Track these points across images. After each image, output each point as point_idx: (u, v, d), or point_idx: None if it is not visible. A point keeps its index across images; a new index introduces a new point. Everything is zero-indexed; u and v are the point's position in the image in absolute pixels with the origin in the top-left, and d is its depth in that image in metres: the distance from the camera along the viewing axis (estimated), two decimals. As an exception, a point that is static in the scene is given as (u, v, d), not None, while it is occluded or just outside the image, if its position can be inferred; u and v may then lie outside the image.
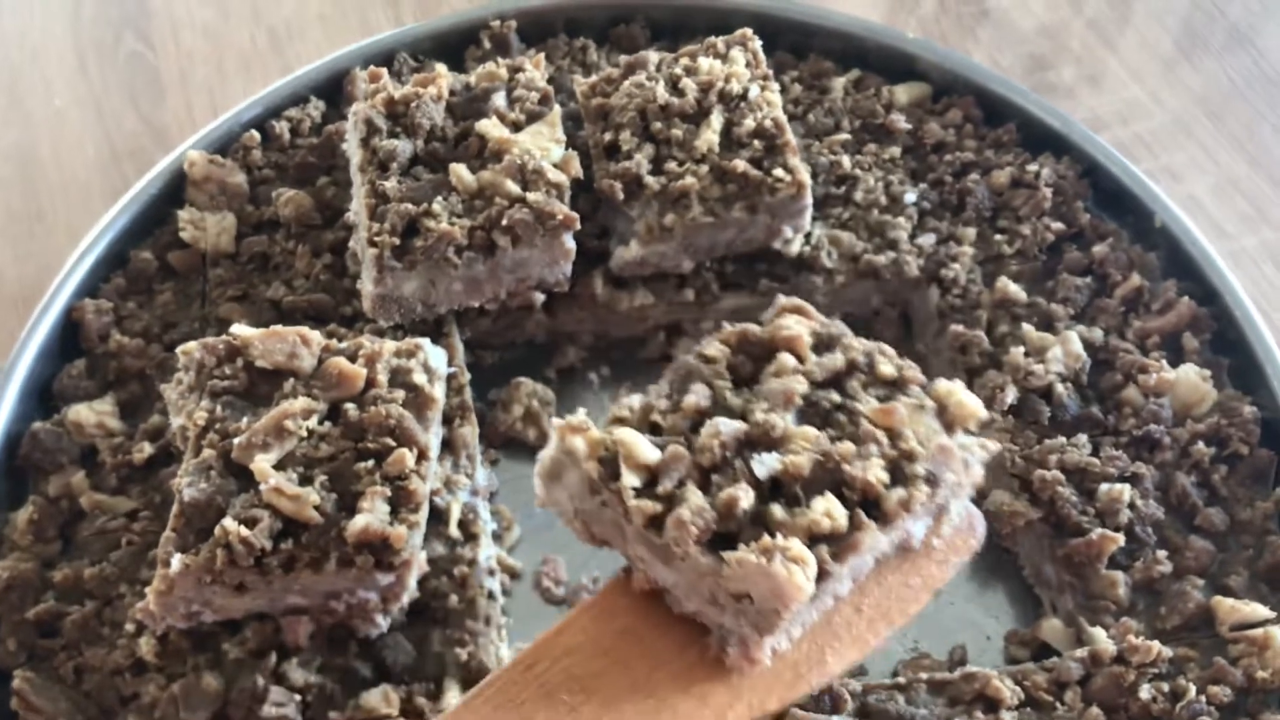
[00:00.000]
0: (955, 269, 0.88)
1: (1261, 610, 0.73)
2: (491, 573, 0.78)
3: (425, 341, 0.77)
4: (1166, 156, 1.06)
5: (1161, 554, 0.76)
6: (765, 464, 0.57)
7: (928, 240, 0.90)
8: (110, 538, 0.77)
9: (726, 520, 0.56)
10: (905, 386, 0.61)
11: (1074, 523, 0.76)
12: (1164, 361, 0.83)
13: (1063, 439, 0.80)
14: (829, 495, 0.56)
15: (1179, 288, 0.87)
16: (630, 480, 0.57)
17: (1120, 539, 0.75)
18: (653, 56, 0.90)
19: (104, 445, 0.81)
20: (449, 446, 0.79)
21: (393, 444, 0.70)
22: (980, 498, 0.82)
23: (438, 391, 0.74)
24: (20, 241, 0.99)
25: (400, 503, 0.69)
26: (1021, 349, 0.84)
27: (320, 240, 0.89)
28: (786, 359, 0.61)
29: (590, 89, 0.90)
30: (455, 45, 1.01)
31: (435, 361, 0.76)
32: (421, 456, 0.71)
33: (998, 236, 0.90)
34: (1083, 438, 0.80)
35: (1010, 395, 0.82)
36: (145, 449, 0.80)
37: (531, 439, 0.86)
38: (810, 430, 0.59)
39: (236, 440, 0.70)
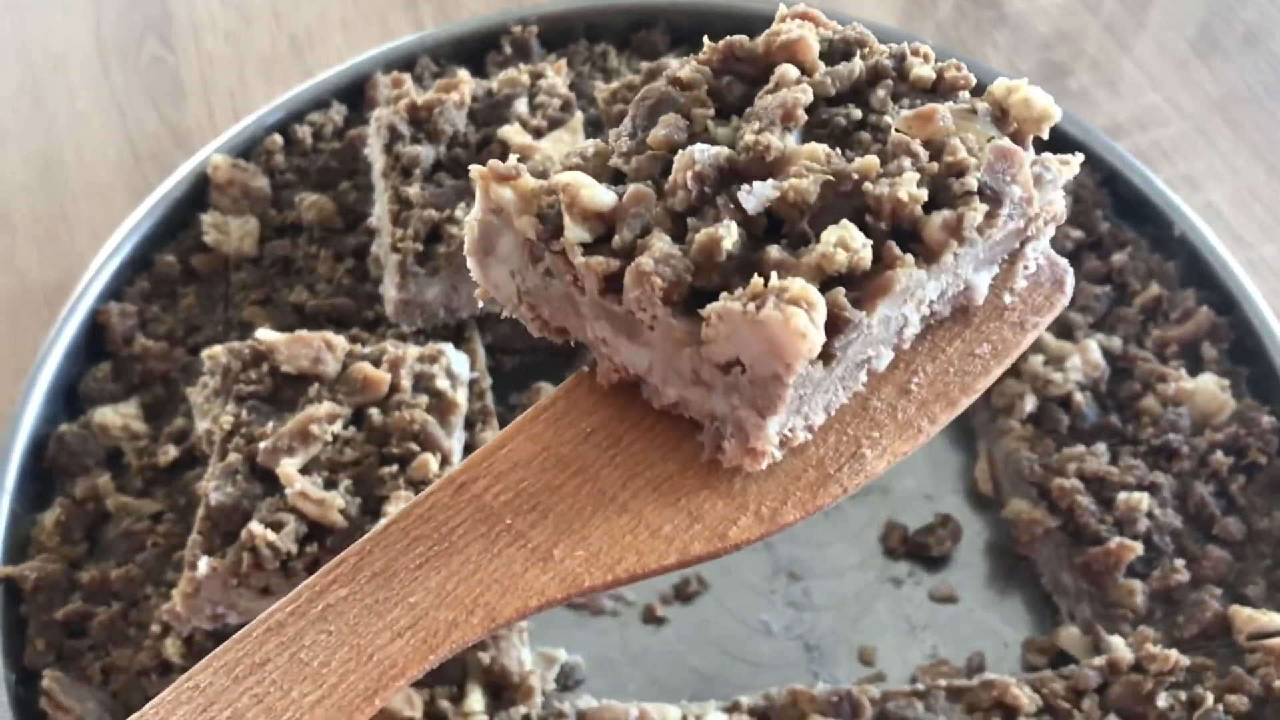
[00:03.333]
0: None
1: (1279, 619, 0.74)
2: (512, 577, 0.79)
3: (448, 347, 0.77)
4: (1185, 164, 1.06)
5: (1179, 563, 0.76)
6: (756, 194, 0.43)
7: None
8: (136, 540, 0.78)
9: (707, 272, 0.42)
10: (950, 93, 0.46)
11: (1092, 531, 0.77)
12: (1183, 370, 0.83)
13: (1081, 447, 0.80)
14: (845, 223, 0.42)
15: (1197, 297, 0.87)
16: (577, 233, 0.43)
17: (1138, 548, 0.75)
18: (673, 63, 0.90)
19: (129, 448, 0.82)
20: (471, 451, 0.80)
21: (416, 449, 0.71)
22: (999, 506, 0.83)
23: (460, 396, 0.75)
24: (45, 244, 1.00)
25: (424, 507, 0.69)
26: (1040, 357, 0.84)
27: (342, 245, 0.90)
28: (788, 70, 0.46)
29: (611, 95, 0.90)
30: (476, 50, 1.01)
31: (458, 367, 0.77)
32: (445, 461, 0.71)
33: (1016, 244, 0.90)
34: (1101, 446, 0.80)
35: (1029, 403, 0.82)
36: (170, 452, 0.81)
37: (552, 444, 0.86)
38: (818, 147, 0.44)
39: (262, 444, 0.70)
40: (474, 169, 0.45)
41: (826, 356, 0.42)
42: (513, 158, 0.45)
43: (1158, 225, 0.91)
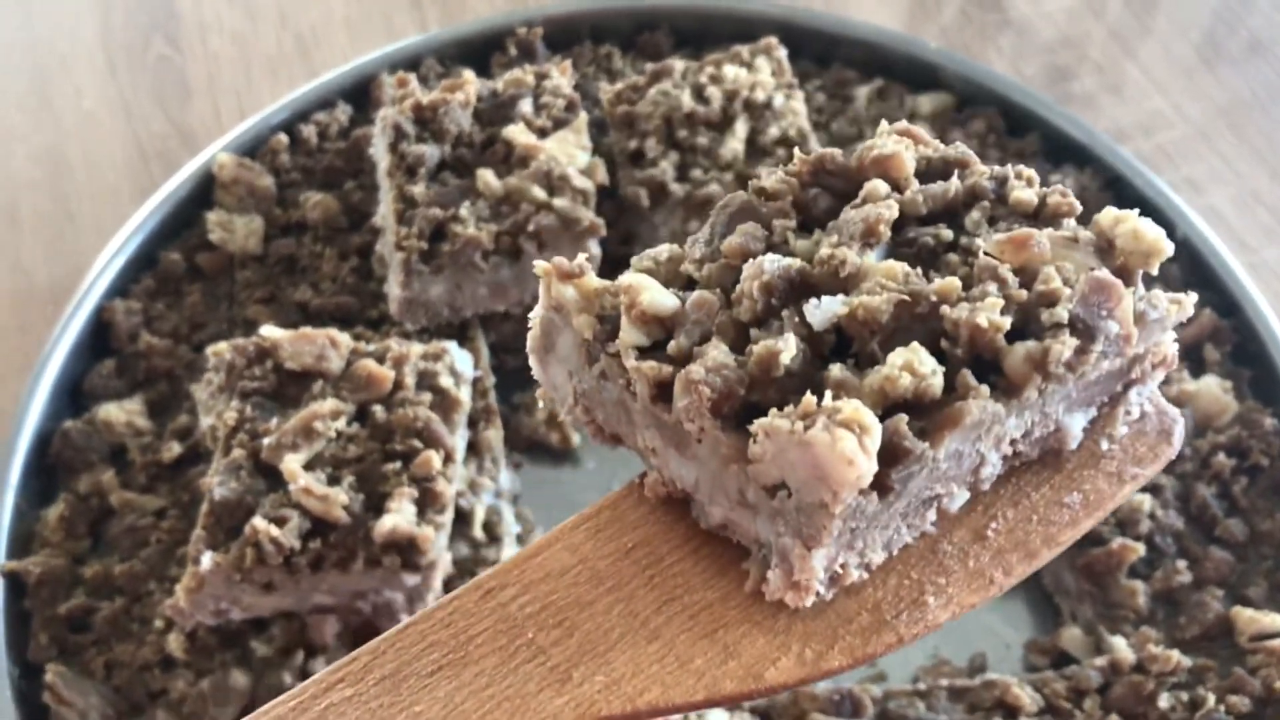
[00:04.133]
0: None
1: (1281, 621, 0.74)
2: (514, 575, 0.79)
3: (452, 345, 0.78)
4: (1188, 168, 1.06)
5: (1181, 564, 0.76)
6: (824, 309, 0.40)
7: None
8: (139, 535, 0.78)
9: (764, 387, 0.39)
10: (1053, 220, 0.43)
11: (1094, 532, 0.77)
12: (1185, 372, 0.83)
13: (1083, 448, 0.80)
14: (915, 345, 0.39)
15: (1200, 299, 0.87)
16: (633, 336, 0.42)
17: (1140, 549, 0.75)
18: (678, 64, 0.91)
19: (133, 444, 0.82)
20: (474, 449, 0.80)
21: (420, 446, 0.71)
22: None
23: (464, 394, 0.75)
24: (51, 242, 1.00)
25: (427, 504, 0.70)
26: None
27: (347, 243, 0.90)
28: (877, 185, 0.44)
29: (616, 96, 0.90)
30: (481, 51, 1.01)
31: (461, 365, 0.77)
32: (448, 459, 0.72)
33: (1019, 246, 0.91)
34: (1103, 447, 0.80)
35: (1031, 404, 0.82)
36: (174, 448, 0.81)
37: (554, 443, 0.86)
38: (896, 265, 0.41)
39: (266, 440, 0.71)
40: (538, 265, 0.43)
41: (883, 489, 0.39)
42: (581, 257, 0.44)
43: (1161, 228, 0.91)
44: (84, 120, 1.09)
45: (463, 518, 0.77)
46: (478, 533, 0.78)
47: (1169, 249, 0.42)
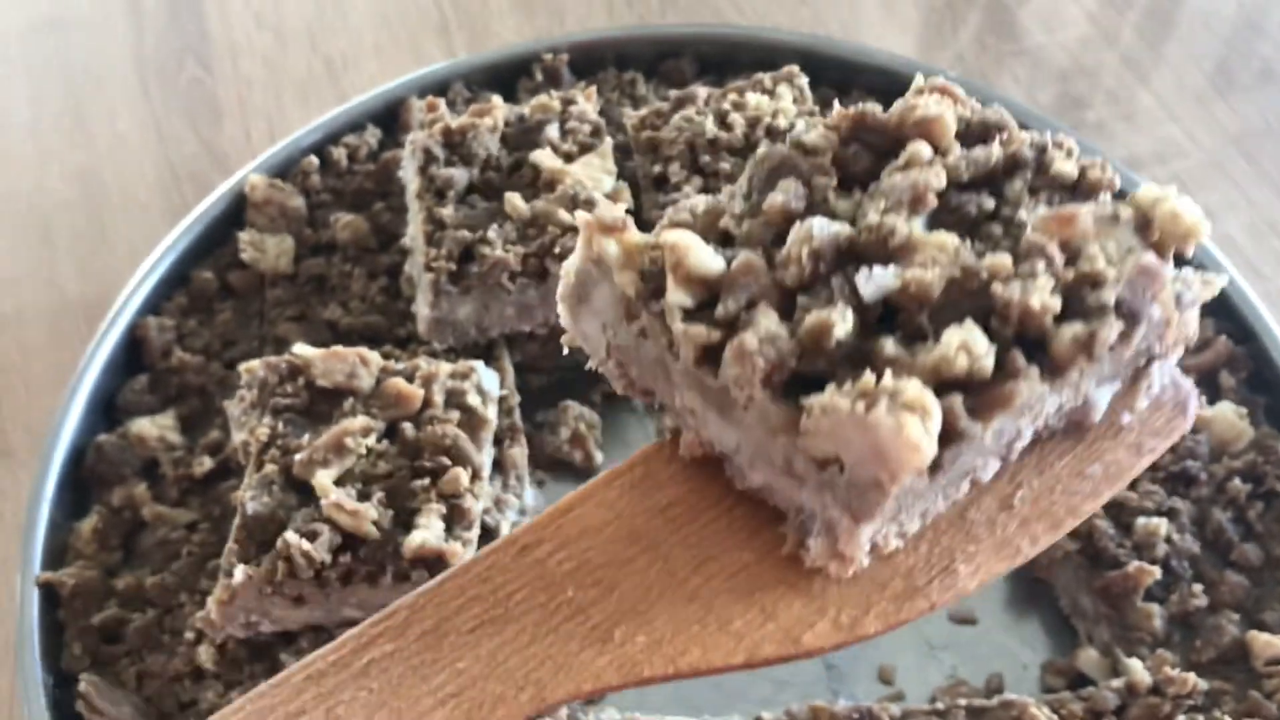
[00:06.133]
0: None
1: (1296, 645, 0.74)
2: (538, 591, 0.80)
3: (479, 364, 0.79)
4: (1203, 196, 1.07)
5: (1197, 588, 0.77)
6: (876, 281, 0.40)
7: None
8: (171, 548, 0.80)
9: (813, 356, 0.39)
10: (1091, 194, 0.44)
11: (1111, 555, 0.78)
12: (1201, 398, 0.84)
13: (1100, 472, 0.81)
14: (969, 324, 0.39)
15: (1215, 327, 0.88)
16: (679, 297, 0.41)
17: (1156, 572, 0.76)
18: (701, 92, 0.93)
19: (165, 458, 0.84)
20: (499, 467, 0.82)
21: (448, 463, 0.72)
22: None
23: (491, 413, 0.77)
24: (84, 260, 1.02)
25: (454, 520, 0.71)
26: (1060, 383, 0.85)
27: (376, 264, 0.92)
28: (920, 148, 0.43)
29: (640, 122, 0.92)
30: (508, 77, 1.03)
31: (488, 384, 0.78)
32: (475, 476, 0.73)
33: (1036, 272, 0.92)
34: (1120, 471, 0.81)
35: (1048, 428, 0.83)
36: (205, 463, 0.83)
37: (578, 461, 0.88)
38: (948, 238, 0.41)
39: (298, 456, 0.72)
40: (580, 216, 0.43)
41: (934, 468, 0.38)
42: (620, 207, 0.44)
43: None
44: (117, 141, 1.11)
45: (488, 534, 0.78)
46: (502, 549, 0.79)
47: (1207, 229, 0.44)
